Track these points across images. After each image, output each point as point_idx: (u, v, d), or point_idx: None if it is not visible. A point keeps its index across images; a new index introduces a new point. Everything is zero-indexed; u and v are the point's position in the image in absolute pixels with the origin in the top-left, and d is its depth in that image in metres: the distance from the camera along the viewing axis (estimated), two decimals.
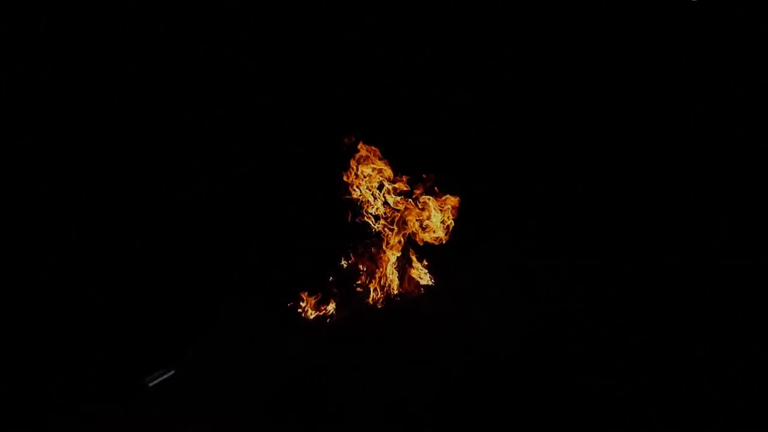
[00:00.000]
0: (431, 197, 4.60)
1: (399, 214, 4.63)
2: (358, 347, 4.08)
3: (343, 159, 4.54)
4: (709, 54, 5.11)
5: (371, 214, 4.66)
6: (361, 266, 4.71)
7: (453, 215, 4.60)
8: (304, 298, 4.57)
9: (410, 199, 4.61)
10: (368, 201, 4.62)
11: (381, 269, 4.69)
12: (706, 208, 5.01)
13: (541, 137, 5.39)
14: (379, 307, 4.54)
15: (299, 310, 4.54)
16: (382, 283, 4.66)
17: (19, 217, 4.89)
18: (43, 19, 4.71)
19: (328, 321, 4.46)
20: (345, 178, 4.56)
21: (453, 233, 4.65)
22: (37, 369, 3.94)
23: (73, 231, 5.00)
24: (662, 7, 5.13)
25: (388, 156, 4.55)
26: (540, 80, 5.27)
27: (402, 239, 4.72)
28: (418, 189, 4.60)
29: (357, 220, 4.66)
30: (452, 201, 4.60)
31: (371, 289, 4.64)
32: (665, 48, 5.20)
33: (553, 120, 5.38)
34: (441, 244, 4.67)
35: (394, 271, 4.72)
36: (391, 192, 4.61)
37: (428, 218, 4.60)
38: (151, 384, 3.73)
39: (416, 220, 4.63)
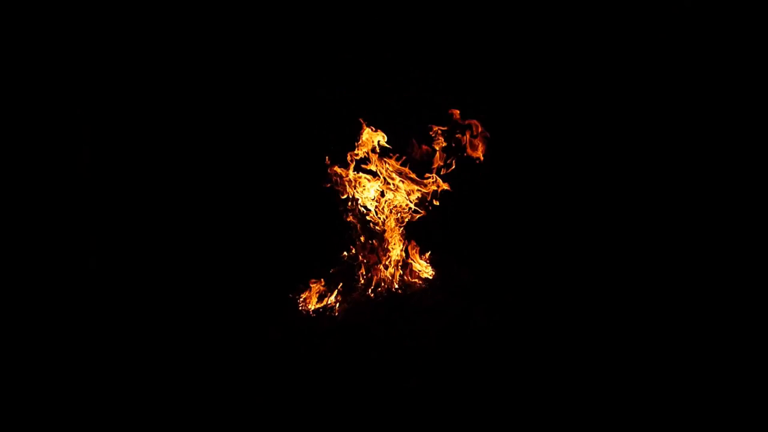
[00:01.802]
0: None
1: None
2: (360, 340, 4.04)
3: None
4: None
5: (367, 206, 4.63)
6: (362, 258, 4.68)
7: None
8: (306, 290, 4.54)
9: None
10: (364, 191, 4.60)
11: (382, 262, 4.65)
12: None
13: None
14: (381, 300, 4.51)
15: (299, 302, 4.51)
16: (383, 275, 4.63)
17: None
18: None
19: (328, 314, 4.43)
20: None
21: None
22: None
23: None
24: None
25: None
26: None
27: (403, 230, 4.69)
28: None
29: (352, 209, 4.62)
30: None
31: (372, 282, 4.61)
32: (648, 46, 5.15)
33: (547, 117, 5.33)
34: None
35: (396, 263, 4.69)
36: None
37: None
38: None
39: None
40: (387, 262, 4.64)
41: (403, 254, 4.73)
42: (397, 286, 4.61)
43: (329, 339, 4.09)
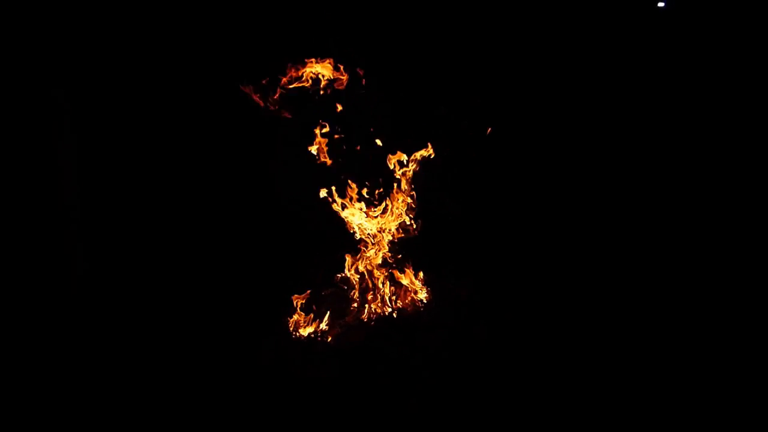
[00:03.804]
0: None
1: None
2: (354, 364, 3.90)
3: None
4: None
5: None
6: (354, 281, 4.57)
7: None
8: (298, 313, 4.40)
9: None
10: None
11: (375, 284, 4.53)
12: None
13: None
14: (374, 323, 4.37)
15: (291, 326, 4.35)
16: (376, 297, 4.51)
17: None
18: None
19: (320, 338, 4.27)
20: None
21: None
22: None
23: None
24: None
25: None
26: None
27: (390, 251, 4.60)
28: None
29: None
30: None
31: (366, 304, 4.48)
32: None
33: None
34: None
35: (389, 285, 4.57)
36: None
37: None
38: None
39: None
40: (380, 284, 4.53)
41: (397, 275, 4.62)
42: (391, 309, 4.49)
43: (323, 364, 3.94)
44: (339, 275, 4.64)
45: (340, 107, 4.48)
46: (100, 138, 4.73)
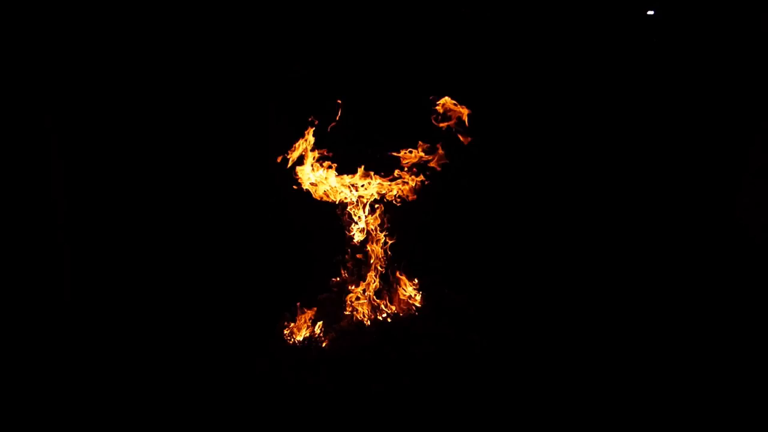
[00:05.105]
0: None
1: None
2: (348, 371, 3.86)
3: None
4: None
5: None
6: (349, 285, 4.53)
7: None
8: (292, 318, 4.34)
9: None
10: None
11: (370, 288, 4.50)
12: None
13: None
14: (369, 328, 4.34)
15: (285, 331, 4.30)
16: (371, 302, 4.48)
17: None
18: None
19: (314, 344, 4.23)
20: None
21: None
22: None
23: None
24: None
25: None
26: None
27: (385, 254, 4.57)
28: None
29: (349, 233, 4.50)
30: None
31: (361, 310, 4.45)
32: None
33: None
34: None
35: (384, 290, 4.55)
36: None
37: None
38: None
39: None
40: (375, 289, 4.50)
41: (391, 279, 4.60)
42: (385, 314, 4.46)
43: (317, 370, 3.90)
44: (334, 279, 4.60)
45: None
46: (91, 138, 4.65)
